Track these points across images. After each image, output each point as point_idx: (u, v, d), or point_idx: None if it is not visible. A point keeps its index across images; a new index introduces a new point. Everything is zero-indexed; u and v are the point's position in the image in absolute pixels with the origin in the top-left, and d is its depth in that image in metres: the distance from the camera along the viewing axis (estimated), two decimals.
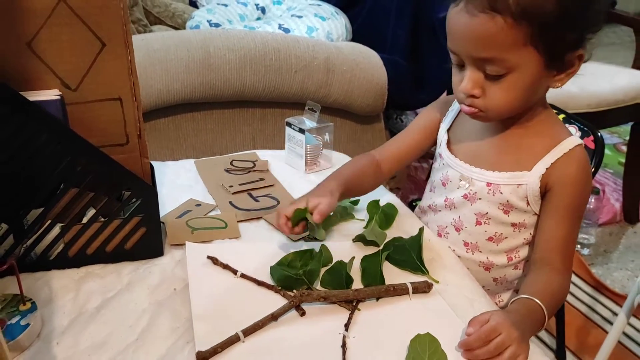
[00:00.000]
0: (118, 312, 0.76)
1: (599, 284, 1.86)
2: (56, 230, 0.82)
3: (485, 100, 0.83)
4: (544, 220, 0.88)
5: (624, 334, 1.46)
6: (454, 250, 0.95)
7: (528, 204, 0.89)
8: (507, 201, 0.89)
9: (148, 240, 0.87)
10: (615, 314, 1.72)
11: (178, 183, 1.12)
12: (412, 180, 2.33)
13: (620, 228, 2.18)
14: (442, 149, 0.98)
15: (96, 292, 0.80)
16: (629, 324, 1.36)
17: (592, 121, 1.29)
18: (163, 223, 0.94)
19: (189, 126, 1.79)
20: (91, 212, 0.84)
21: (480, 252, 0.95)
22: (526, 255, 0.94)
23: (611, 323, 1.69)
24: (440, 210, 0.98)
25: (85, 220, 0.84)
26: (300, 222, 0.85)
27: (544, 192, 0.88)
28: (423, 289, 0.81)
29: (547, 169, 0.87)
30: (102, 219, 0.84)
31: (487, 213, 0.91)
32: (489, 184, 0.90)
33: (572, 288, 1.84)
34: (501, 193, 0.89)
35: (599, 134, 1.24)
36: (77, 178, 0.81)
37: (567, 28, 0.77)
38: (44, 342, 0.71)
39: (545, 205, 0.88)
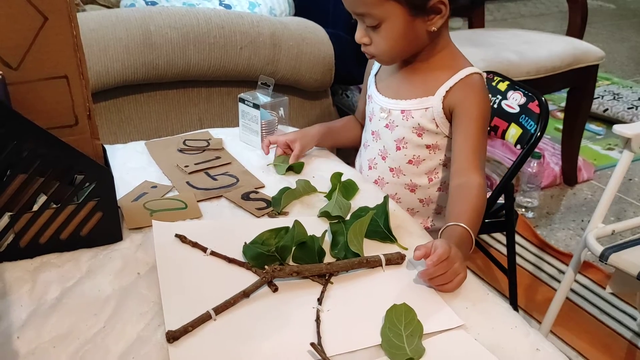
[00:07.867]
0: (81, 301, 0.73)
1: (544, 244, 1.94)
2: (5, 220, 0.77)
3: (373, 47, 0.99)
4: (455, 137, 1.01)
5: (570, 289, 1.53)
6: (382, 178, 1.11)
7: (437, 125, 1.03)
8: (419, 124, 1.04)
9: (105, 225, 0.83)
10: (561, 272, 1.80)
11: (130, 166, 1.07)
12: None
13: (561, 190, 2.28)
14: (371, 90, 1.12)
15: (54, 282, 0.76)
16: (575, 280, 1.43)
17: (533, 88, 1.33)
18: (119, 207, 0.90)
19: (131, 109, 1.72)
20: (42, 198, 0.79)
21: (404, 175, 1.09)
22: (444, 177, 1.08)
23: (557, 280, 1.77)
24: (369, 145, 1.13)
25: (35, 207, 0.79)
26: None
27: (450, 115, 1.02)
28: (396, 260, 0.80)
29: (447, 92, 1.01)
30: (55, 206, 0.79)
31: (404, 138, 1.06)
32: (402, 111, 1.05)
33: (519, 249, 1.91)
34: (412, 117, 1.04)
35: (543, 98, 1.28)
36: (24, 163, 0.76)
37: None
38: (4, 337, 0.67)
39: (453, 127, 1.02)
